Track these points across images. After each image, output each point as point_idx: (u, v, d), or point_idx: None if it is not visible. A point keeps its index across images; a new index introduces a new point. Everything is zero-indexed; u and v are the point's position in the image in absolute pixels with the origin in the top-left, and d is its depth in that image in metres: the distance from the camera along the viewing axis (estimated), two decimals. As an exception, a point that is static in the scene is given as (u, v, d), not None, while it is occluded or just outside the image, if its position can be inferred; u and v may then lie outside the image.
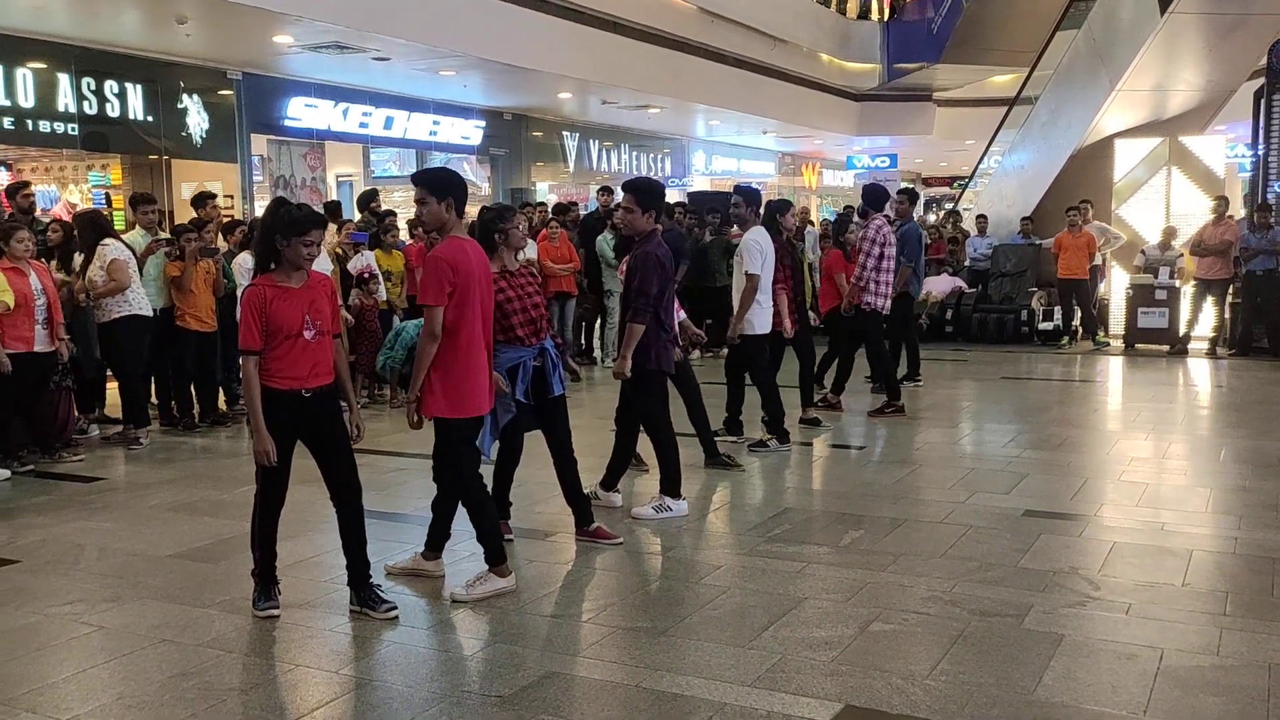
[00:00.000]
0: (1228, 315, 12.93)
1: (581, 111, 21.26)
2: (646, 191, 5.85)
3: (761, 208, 7.88)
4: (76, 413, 8.19)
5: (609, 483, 6.14)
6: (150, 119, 13.74)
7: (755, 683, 3.77)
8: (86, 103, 12.95)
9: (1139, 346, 13.16)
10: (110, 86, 13.21)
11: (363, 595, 4.50)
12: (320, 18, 12.14)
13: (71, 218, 9.67)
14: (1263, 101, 13.78)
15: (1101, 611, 4.43)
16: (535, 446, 5.57)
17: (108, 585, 4.92)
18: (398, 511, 5.99)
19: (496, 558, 4.73)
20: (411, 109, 17.86)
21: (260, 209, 14.86)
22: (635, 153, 24.78)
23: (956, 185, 33.47)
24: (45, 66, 12.50)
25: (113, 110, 13.27)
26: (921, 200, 36.95)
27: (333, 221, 11.08)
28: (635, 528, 5.73)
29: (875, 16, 27.27)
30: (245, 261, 8.57)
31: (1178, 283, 13.13)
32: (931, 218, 23.66)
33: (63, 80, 12.66)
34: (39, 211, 10.34)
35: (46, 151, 13.71)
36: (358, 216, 11.79)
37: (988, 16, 22.25)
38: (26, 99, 12.31)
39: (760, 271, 7.35)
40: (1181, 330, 12.95)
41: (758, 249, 7.33)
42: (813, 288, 10.01)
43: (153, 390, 9.01)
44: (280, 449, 4.35)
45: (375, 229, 10.57)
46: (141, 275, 8.24)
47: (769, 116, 23.82)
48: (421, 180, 4.68)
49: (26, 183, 9.94)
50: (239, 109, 14.96)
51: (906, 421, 8.72)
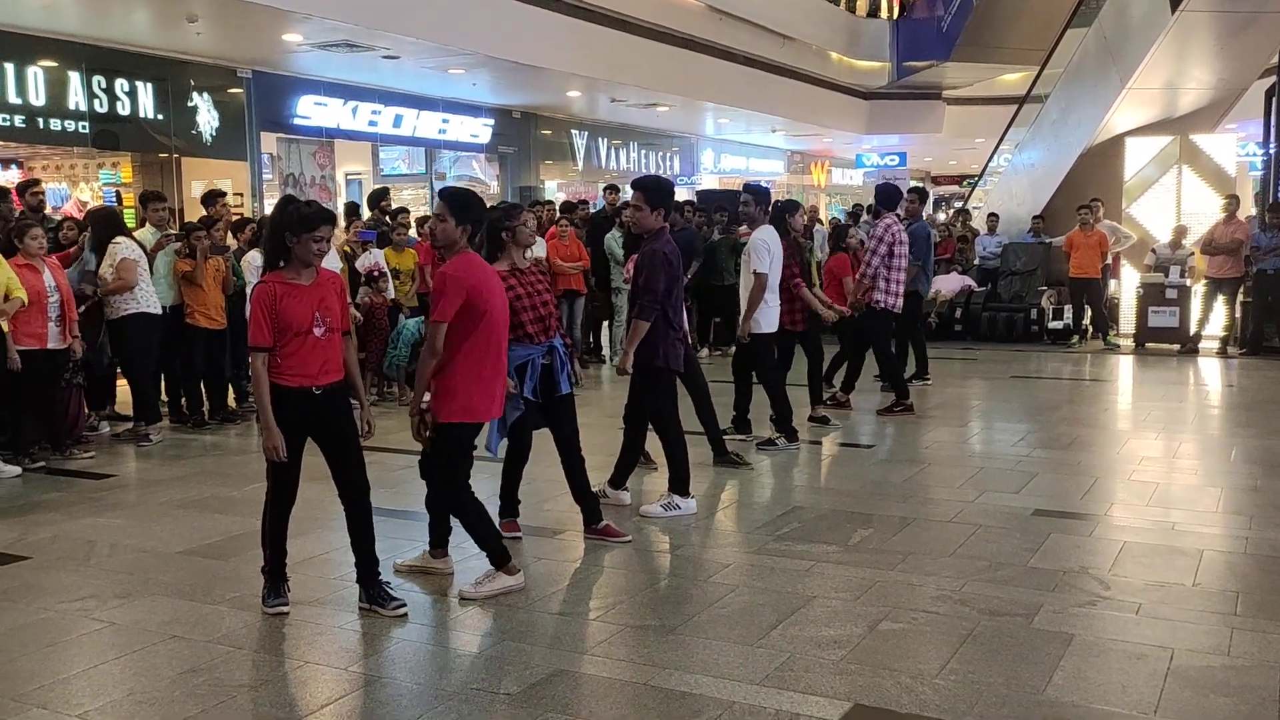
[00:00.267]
0: (1238, 314, 12.88)
1: (590, 110, 21.26)
2: (656, 190, 5.86)
3: (770, 207, 7.87)
4: (87, 410, 8.22)
5: (617, 480, 6.14)
6: (160, 117, 13.78)
7: (764, 681, 3.77)
8: (97, 101, 12.99)
9: (1149, 346, 13.12)
10: (121, 85, 13.25)
11: (371, 592, 4.51)
12: (330, 16, 12.16)
13: (85, 214, 9.71)
14: (1274, 100, 13.73)
15: (1112, 611, 4.42)
16: (543, 445, 5.57)
17: (118, 581, 4.94)
18: (406, 509, 6.00)
19: (500, 559, 4.73)
20: (420, 107, 17.88)
21: (270, 207, 14.91)
22: (644, 151, 24.76)
23: (966, 184, 33.39)
24: (56, 65, 12.55)
25: (123, 108, 13.32)
26: (931, 198, 36.92)
27: (351, 220, 11.15)
28: (644, 526, 5.74)
29: (885, 14, 27.22)
30: (254, 259, 8.59)
31: (1188, 282, 13.08)
32: (941, 216, 23.59)
33: (73, 78, 12.70)
34: (49, 209, 10.38)
35: (57, 149, 13.77)
36: (367, 214, 11.81)
37: (998, 14, 22.18)
38: (38, 97, 12.36)
39: (769, 270, 7.35)
40: (1192, 329, 12.91)
41: (765, 248, 7.33)
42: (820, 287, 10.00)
43: (163, 388, 9.04)
44: (290, 446, 4.35)
45: (384, 227, 10.60)
46: (152, 273, 8.27)
47: (778, 115, 23.79)
48: (448, 198, 4.66)
49: (37, 180, 9.99)
50: (249, 107, 15.00)
51: (915, 420, 8.71)
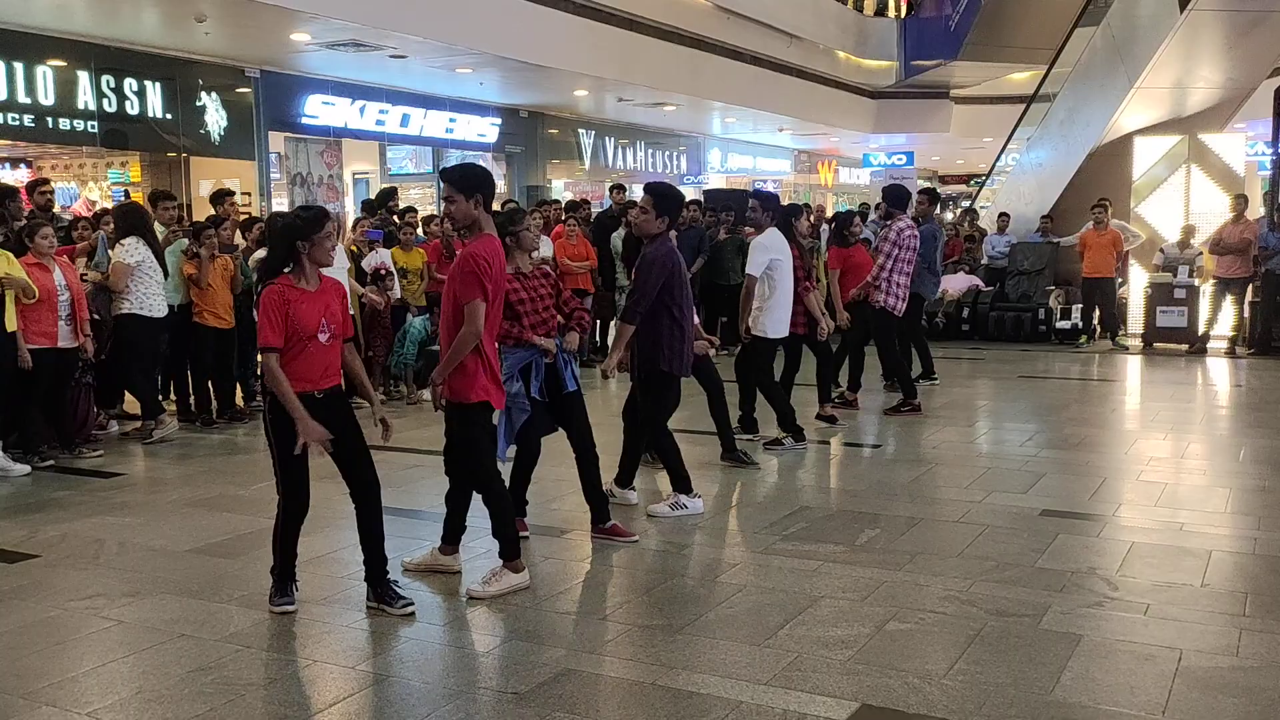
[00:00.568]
0: (1247, 314, 12.84)
1: (597, 109, 21.27)
2: (666, 197, 5.84)
3: (777, 212, 7.85)
4: (96, 409, 8.25)
5: (624, 480, 6.14)
6: (169, 116, 13.82)
7: (771, 681, 3.77)
8: (106, 100, 13.03)
9: (1158, 345, 13.08)
10: (130, 84, 13.30)
11: (380, 591, 4.52)
12: (337, 16, 12.19)
13: (113, 207, 9.73)
14: (1284, 99, 13.67)
15: (1120, 612, 4.41)
16: (551, 445, 5.57)
17: (127, 580, 4.96)
18: (414, 508, 6.01)
19: (512, 552, 4.75)
20: (428, 106, 17.91)
21: (278, 205, 14.97)
22: (651, 150, 24.76)
23: (973, 183, 33.34)
24: (65, 64, 12.59)
25: (132, 108, 13.36)
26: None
27: (385, 206, 11.26)
28: (651, 526, 5.74)
29: (892, 13, 27.19)
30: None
31: (1197, 281, 13.04)
32: (948, 216, 23.56)
33: (83, 78, 12.75)
34: (58, 208, 10.42)
35: (66, 149, 13.83)
36: (351, 215, 11.83)
37: (1006, 13, 22.14)
38: (47, 97, 12.41)
39: (758, 273, 7.32)
40: (1200, 329, 12.86)
41: (764, 251, 7.32)
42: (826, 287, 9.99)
43: (171, 386, 9.06)
44: (295, 453, 4.37)
45: (391, 227, 10.61)
46: (166, 273, 8.24)
47: (785, 114, 23.78)
48: (448, 178, 4.67)
49: (46, 179, 10.02)
50: (257, 107, 15.04)
51: (922, 420, 8.69)
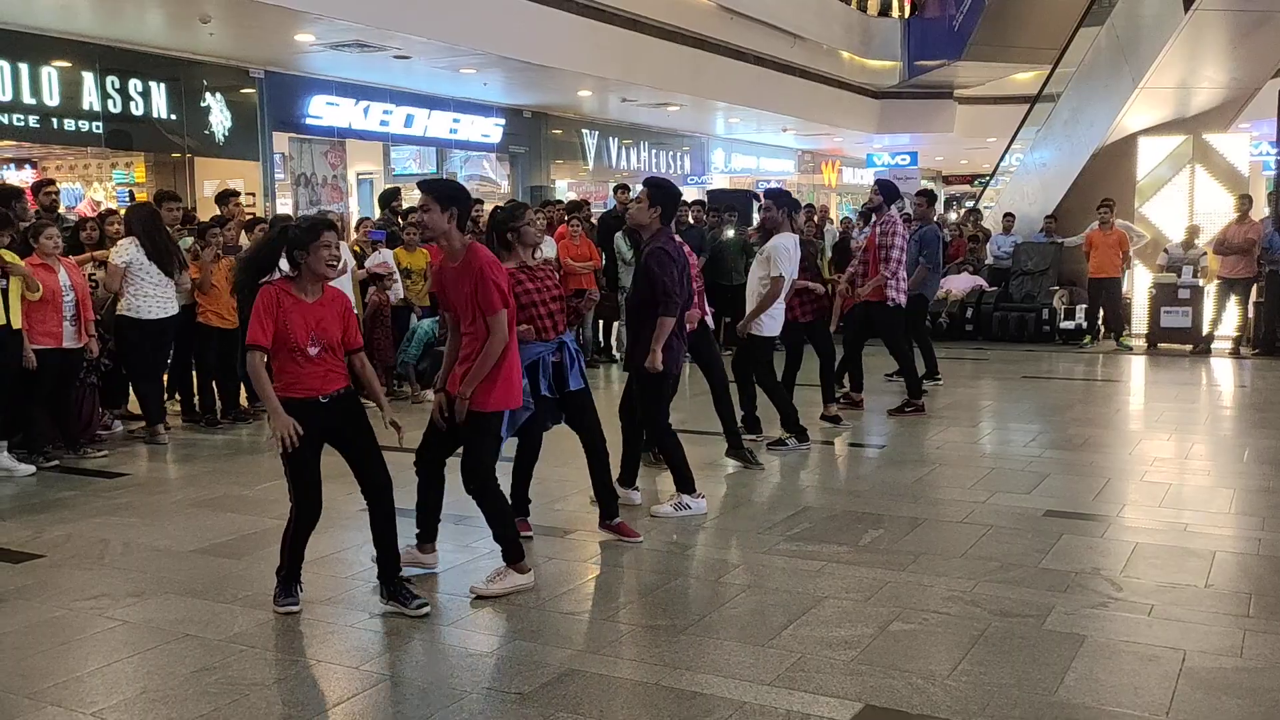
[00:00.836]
0: (1251, 315, 12.82)
1: (601, 109, 21.27)
2: (661, 189, 5.87)
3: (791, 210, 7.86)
4: (101, 409, 8.26)
5: (627, 479, 6.14)
6: (174, 117, 13.84)
7: (775, 681, 3.78)
8: (111, 101, 13.05)
9: (1162, 346, 13.07)
10: (134, 85, 13.32)
11: (394, 590, 4.52)
12: (342, 16, 12.20)
13: (128, 208, 9.77)
14: (1288, 99, 13.66)
15: (1123, 613, 4.41)
16: (554, 444, 5.57)
17: (131, 580, 4.97)
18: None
19: (515, 553, 4.76)
20: (432, 107, 17.92)
21: (282, 207, 14.99)
22: (654, 150, 24.76)
23: (977, 183, 33.31)
24: (70, 65, 12.61)
25: (137, 108, 13.38)
26: (941, 198, 36.86)
27: (389, 207, 11.27)
28: (655, 526, 5.74)
29: (896, 13, 27.17)
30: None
31: (1201, 282, 13.03)
32: (952, 216, 23.54)
33: (87, 79, 12.77)
34: (63, 209, 10.43)
35: (71, 149, 13.84)
36: (377, 214, 11.84)
37: (1010, 13, 22.11)
38: (52, 97, 12.42)
39: (789, 275, 7.35)
40: (1205, 330, 12.85)
41: (787, 254, 7.31)
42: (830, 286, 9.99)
43: (177, 387, 9.08)
44: (304, 456, 4.37)
45: (394, 227, 10.63)
46: (170, 274, 8.25)
47: (789, 114, 23.76)
48: (427, 189, 4.69)
49: (51, 180, 10.04)
50: (261, 107, 15.06)
51: (926, 420, 8.69)
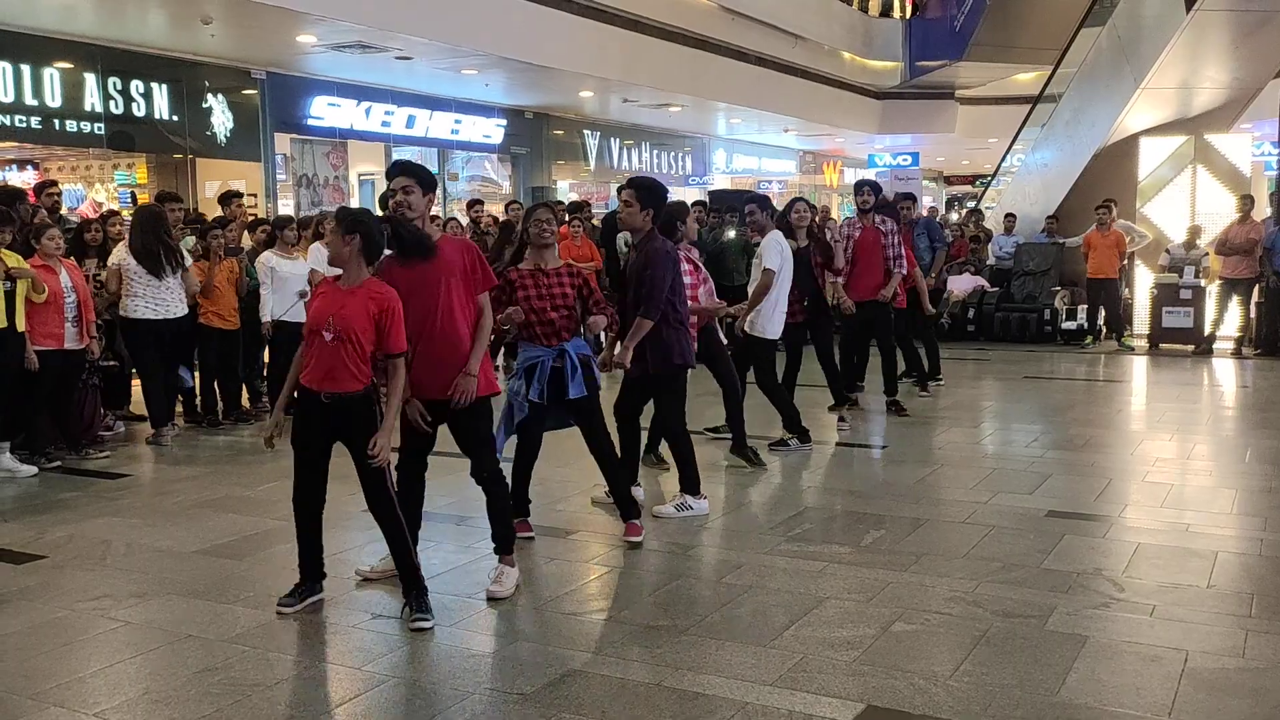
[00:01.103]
0: (1253, 315, 12.81)
1: (603, 110, 21.28)
2: (649, 190, 5.81)
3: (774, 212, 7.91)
4: (103, 410, 8.27)
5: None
6: (175, 118, 13.86)
7: (777, 682, 3.78)
8: (112, 102, 13.07)
9: (1163, 346, 13.06)
10: (136, 86, 13.34)
11: (411, 599, 4.46)
12: (343, 17, 12.21)
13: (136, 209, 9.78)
14: (1290, 99, 13.66)
15: (1125, 613, 4.41)
16: (555, 444, 5.57)
17: (134, 581, 4.97)
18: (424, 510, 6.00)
19: (510, 546, 4.82)
20: (433, 108, 17.93)
21: (284, 207, 15.00)
22: (656, 151, 24.77)
23: (979, 183, 33.30)
24: (72, 66, 12.63)
25: (138, 110, 13.40)
26: (943, 198, 36.88)
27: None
28: (657, 526, 5.74)
29: (897, 14, 27.18)
30: (268, 260, 8.62)
31: (1203, 282, 13.01)
32: (954, 216, 23.54)
33: (89, 80, 12.79)
34: (65, 210, 10.45)
35: (73, 150, 13.86)
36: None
37: (1011, 13, 22.12)
38: (53, 98, 12.44)
39: (778, 269, 7.34)
40: (1206, 330, 12.84)
41: (778, 248, 7.33)
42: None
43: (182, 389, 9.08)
44: (302, 439, 4.39)
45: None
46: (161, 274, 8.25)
47: (790, 115, 23.78)
48: (412, 172, 4.72)
49: (53, 181, 10.05)
50: (263, 108, 15.07)
51: (928, 421, 8.69)
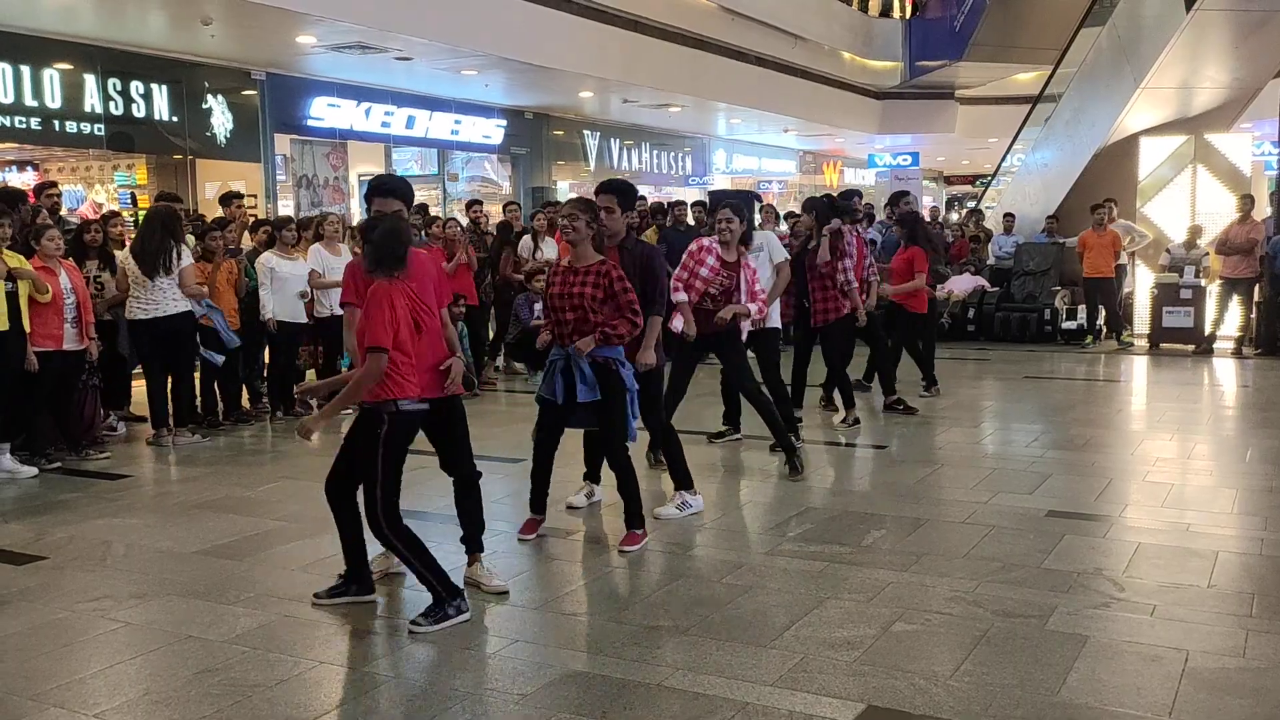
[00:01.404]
0: (1253, 314, 12.81)
1: (602, 110, 21.29)
2: (625, 192, 5.84)
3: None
4: (103, 410, 8.27)
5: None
6: (175, 119, 13.85)
7: (777, 682, 3.77)
8: (112, 103, 13.07)
9: (1164, 346, 13.05)
10: (136, 87, 13.34)
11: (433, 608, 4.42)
12: (343, 18, 12.21)
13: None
14: (1290, 98, 13.67)
15: (1126, 613, 4.40)
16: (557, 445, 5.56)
17: (134, 581, 4.97)
18: (421, 509, 5.98)
19: (480, 545, 4.87)
20: (433, 108, 17.93)
21: (284, 208, 15.00)
22: (656, 151, 24.77)
23: (979, 183, 33.30)
24: (72, 67, 12.63)
25: (138, 110, 13.40)
26: (943, 198, 36.89)
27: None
28: (658, 527, 5.74)
29: (897, 14, 27.19)
30: (268, 260, 8.63)
31: (1203, 282, 13.01)
32: (954, 216, 23.55)
33: (89, 81, 12.79)
34: (65, 211, 10.44)
35: (73, 151, 13.86)
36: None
37: (1011, 13, 22.13)
38: (53, 99, 12.44)
39: (782, 258, 7.41)
40: (1207, 329, 12.83)
41: (779, 243, 7.39)
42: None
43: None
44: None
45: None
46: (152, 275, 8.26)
47: (790, 115, 23.78)
48: (401, 195, 4.74)
49: (53, 182, 10.05)
50: (262, 109, 15.07)
51: (929, 421, 8.69)
